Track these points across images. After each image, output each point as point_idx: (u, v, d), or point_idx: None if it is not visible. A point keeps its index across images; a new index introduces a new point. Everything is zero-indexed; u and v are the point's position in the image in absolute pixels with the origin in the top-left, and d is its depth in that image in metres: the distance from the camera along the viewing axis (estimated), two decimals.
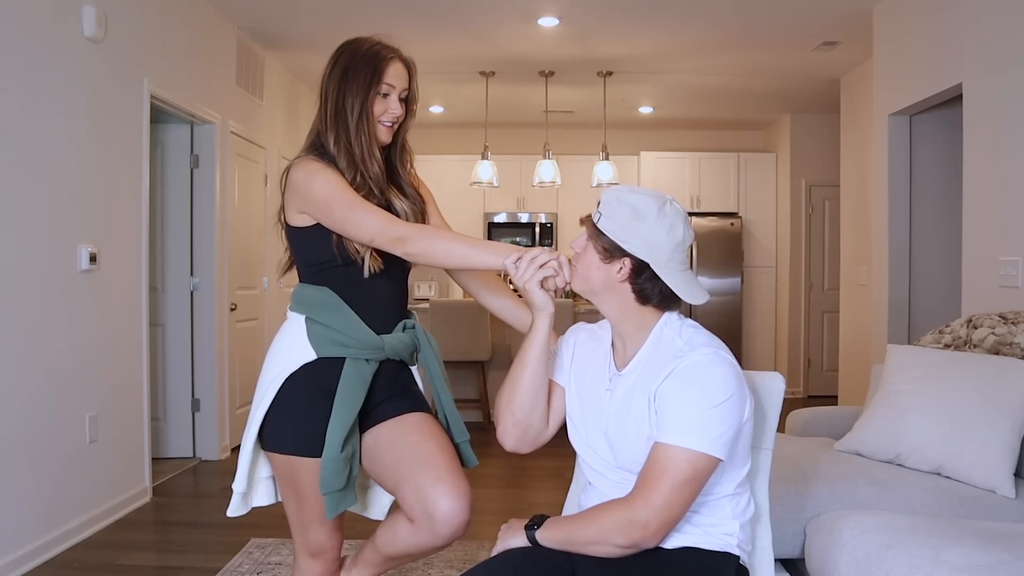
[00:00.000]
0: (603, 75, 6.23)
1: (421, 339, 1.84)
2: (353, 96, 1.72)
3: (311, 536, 1.79)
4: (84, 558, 3.23)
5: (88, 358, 3.53)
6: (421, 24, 5.07)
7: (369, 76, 1.73)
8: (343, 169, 1.72)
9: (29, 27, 3.13)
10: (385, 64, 1.74)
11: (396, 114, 1.77)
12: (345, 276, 1.74)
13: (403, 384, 1.87)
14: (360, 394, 1.70)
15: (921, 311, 4.60)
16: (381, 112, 1.75)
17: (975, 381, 2.54)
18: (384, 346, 1.75)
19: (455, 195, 7.97)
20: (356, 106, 1.72)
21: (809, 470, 2.49)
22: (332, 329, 1.71)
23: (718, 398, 1.42)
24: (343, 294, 1.73)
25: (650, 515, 1.40)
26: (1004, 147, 3.50)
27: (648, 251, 1.48)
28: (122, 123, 3.82)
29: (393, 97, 1.76)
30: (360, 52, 1.75)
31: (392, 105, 1.76)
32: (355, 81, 1.73)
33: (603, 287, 1.54)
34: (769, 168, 7.86)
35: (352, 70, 1.74)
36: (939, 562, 1.77)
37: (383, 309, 1.79)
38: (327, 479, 1.66)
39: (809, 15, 4.84)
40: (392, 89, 1.75)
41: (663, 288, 1.50)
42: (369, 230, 1.66)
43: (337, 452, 1.66)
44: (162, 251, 4.77)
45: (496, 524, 1.66)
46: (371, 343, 1.72)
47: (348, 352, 1.71)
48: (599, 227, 1.52)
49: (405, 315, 1.86)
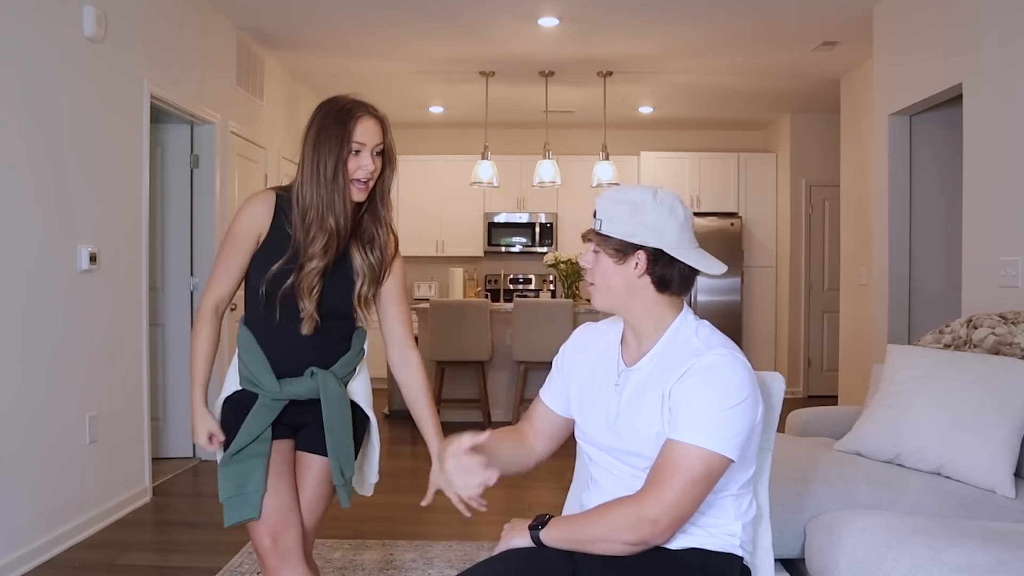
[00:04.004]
0: (603, 75, 6.23)
1: (321, 388, 1.88)
2: (326, 156, 1.78)
3: (256, 528, 1.89)
4: (84, 558, 3.23)
5: (88, 358, 3.53)
6: (421, 24, 5.07)
7: (340, 135, 1.78)
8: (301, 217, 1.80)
9: (29, 27, 3.13)
10: (354, 122, 1.79)
11: (369, 170, 1.81)
12: (266, 316, 1.87)
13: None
14: (263, 424, 1.86)
15: (921, 311, 4.60)
16: (355, 169, 1.80)
17: (975, 381, 2.54)
18: (282, 392, 1.86)
19: (455, 195, 7.98)
20: (330, 166, 1.78)
21: (809, 470, 2.50)
22: (249, 369, 1.88)
23: (734, 399, 1.43)
24: (263, 336, 1.88)
25: (661, 511, 1.41)
26: (1004, 147, 3.50)
27: (658, 237, 1.50)
28: (122, 123, 3.82)
29: (365, 154, 1.80)
30: (332, 112, 1.82)
31: (364, 162, 1.80)
32: (327, 142, 1.79)
33: (625, 289, 1.55)
34: (769, 168, 7.86)
35: (324, 131, 1.80)
36: (939, 562, 1.77)
37: (292, 354, 1.88)
38: (221, 485, 1.83)
39: (809, 15, 4.84)
40: (363, 146, 1.80)
41: (681, 269, 1.53)
42: (211, 274, 1.91)
43: (226, 461, 1.83)
44: (162, 251, 4.77)
45: (496, 524, 1.66)
46: (270, 389, 1.86)
47: (257, 391, 1.88)
48: (603, 232, 1.54)
49: (324, 361, 1.90)
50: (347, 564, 3.12)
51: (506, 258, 8.34)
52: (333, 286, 1.85)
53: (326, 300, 1.85)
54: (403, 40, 5.41)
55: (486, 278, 8.30)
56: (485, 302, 6.10)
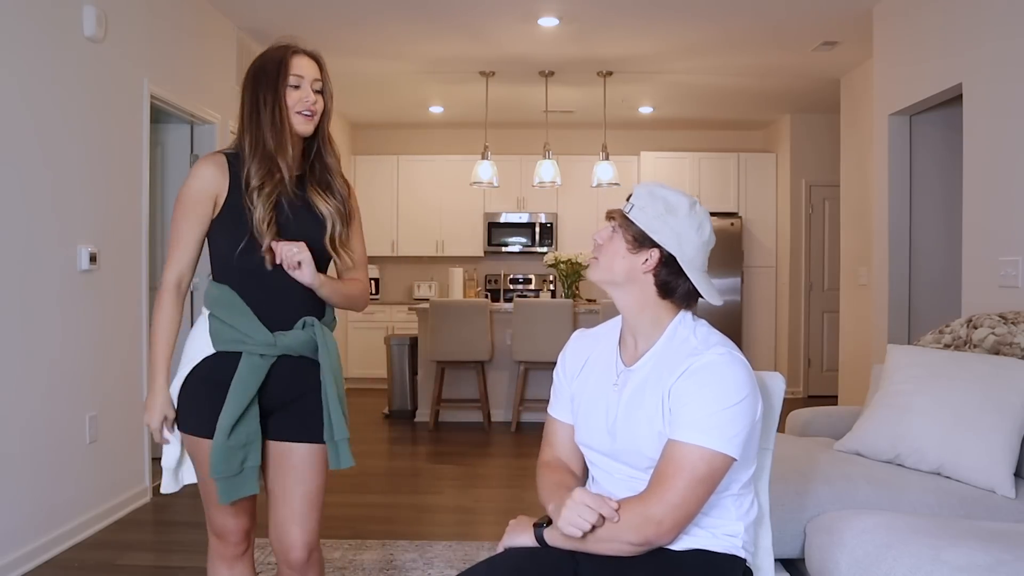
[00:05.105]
0: (603, 75, 6.23)
1: (319, 336, 1.85)
2: (264, 92, 1.80)
3: (212, 515, 1.89)
4: (84, 558, 3.23)
5: (88, 358, 3.53)
6: (421, 24, 5.07)
7: (275, 70, 1.80)
8: (254, 165, 1.78)
9: (29, 27, 3.13)
10: (289, 56, 1.82)
11: (311, 101, 1.82)
12: (244, 273, 1.80)
13: (308, 387, 1.87)
14: (252, 387, 1.78)
15: (921, 311, 4.60)
16: (295, 102, 1.80)
17: (975, 381, 2.54)
18: (276, 343, 1.80)
19: (455, 195, 7.98)
20: (269, 100, 1.79)
21: (809, 470, 2.49)
22: (228, 326, 1.80)
23: (734, 398, 1.43)
24: (243, 291, 1.81)
25: (665, 512, 1.41)
26: (1004, 147, 3.50)
27: (677, 245, 1.52)
28: (122, 123, 3.82)
29: (305, 86, 1.81)
30: (266, 55, 1.85)
31: (305, 94, 1.81)
32: (264, 79, 1.80)
33: (626, 277, 1.55)
34: (769, 168, 7.86)
35: (261, 71, 1.82)
36: (939, 562, 1.77)
37: (282, 306, 1.83)
38: (215, 464, 1.76)
39: (809, 15, 4.84)
40: (301, 79, 1.81)
41: (688, 285, 1.54)
42: (169, 248, 1.85)
43: (224, 439, 1.75)
44: (162, 251, 4.77)
45: (496, 524, 1.66)
46: (262, 340, 1.79)
47: (243, 347, 1.79)
48: (630, 217, 1.54)
49: (314, 310, 1.87)
50: (347, 564, 3.12)
51: (506, 258, 8.34)
52: (303, 233, 1.81)
53: None
54: (403, 40, 5.41)
55: (486, 278, 8.30)
56: (485, 302, 6.11)
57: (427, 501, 4.14)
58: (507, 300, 7.84)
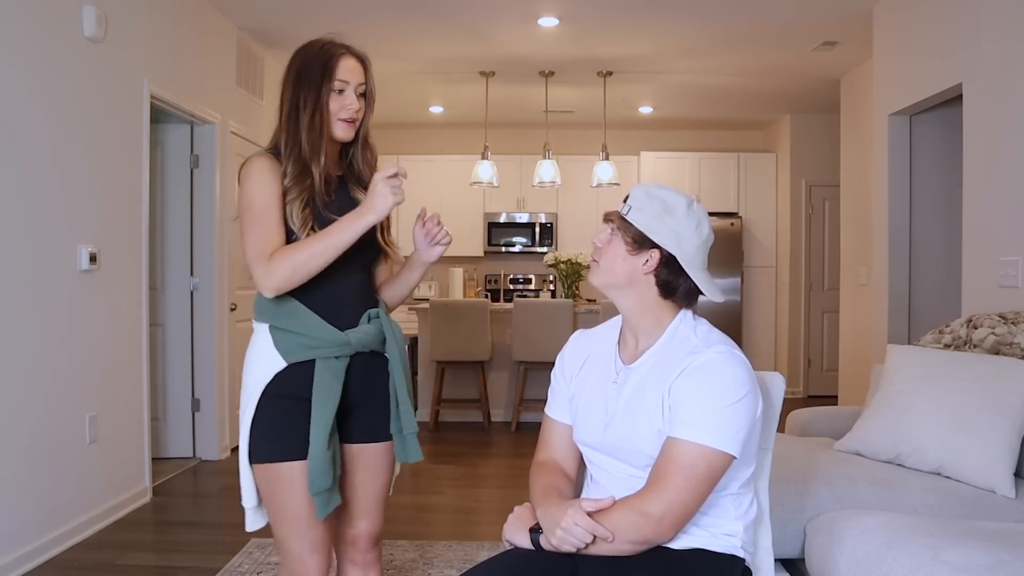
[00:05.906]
0: (603, 75, 6.23)
1: (386, 327, 1.82)
2: (306, 94, 1.73)
3: (301, 540, 1.74)
4: (84, 558, 3.23)
5: (88, 358, 3.53)
6: (421, 24, 5.07)
7: (321, 73, 1.73)
8: (289, 166, 1.73)
9: (29, 27, 3.13)
10: (336, 60, 1.74)
11: (354, 108, 1.77)
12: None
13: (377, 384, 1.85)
14: (336, 392, 1.72)
15: (921, 311, 4.60)
16: (338, 108, 1.75)
17: (975, 381, 2.54)
18: (350, 340, 1.74)
19: (455, 195, 7.97)
20: (310, 104, 1.73)
21: (809, 470, 2.49)
22: (296, 333, 1.71)
23: (734, 396, 1.44)
24: (301, 296, 1.73)
25: (664, 510, 1.41)
26: (1004, 147, 3.50)
27: (676, 244, 1.52)
28: (122, 123, 3.82)
29: (349, 92, 1.76)
30: (312, 52, 1.76)
31: (349, 100, 1.75)
32: (308, 80, 1.73)
33: (627, 279, 1.55)
34: (769, 168, 7.86)
35: (305, 71, 1.74)
36: (939, 562, 1.77)
37: (345, 304, 1.78)
38: (315, 479, 1.67)
39: (809, 15, 4.84)
40: (346, 85, 1.75)
41: (689, 284, 1.54)
42: (248, 255, 1.69)
43: (323, 451, 1.67)
44: (162, 251, 4.77)
45: (496, 524, 1.67)
46: (336, 340, 1.72)
47: (316, 353, 1.71)
48: (628, 219, 1.55)
49: (371, 304, 1.86)
50: None
51: (506, 258, 8.34)
52: None
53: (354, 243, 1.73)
54: (403, 40, 5.41)
55: (486, 278, 8.30)
56: (485, 302, 6.10)
57: (427, 501, 4.14)
58: (507, 300, 7.83)
